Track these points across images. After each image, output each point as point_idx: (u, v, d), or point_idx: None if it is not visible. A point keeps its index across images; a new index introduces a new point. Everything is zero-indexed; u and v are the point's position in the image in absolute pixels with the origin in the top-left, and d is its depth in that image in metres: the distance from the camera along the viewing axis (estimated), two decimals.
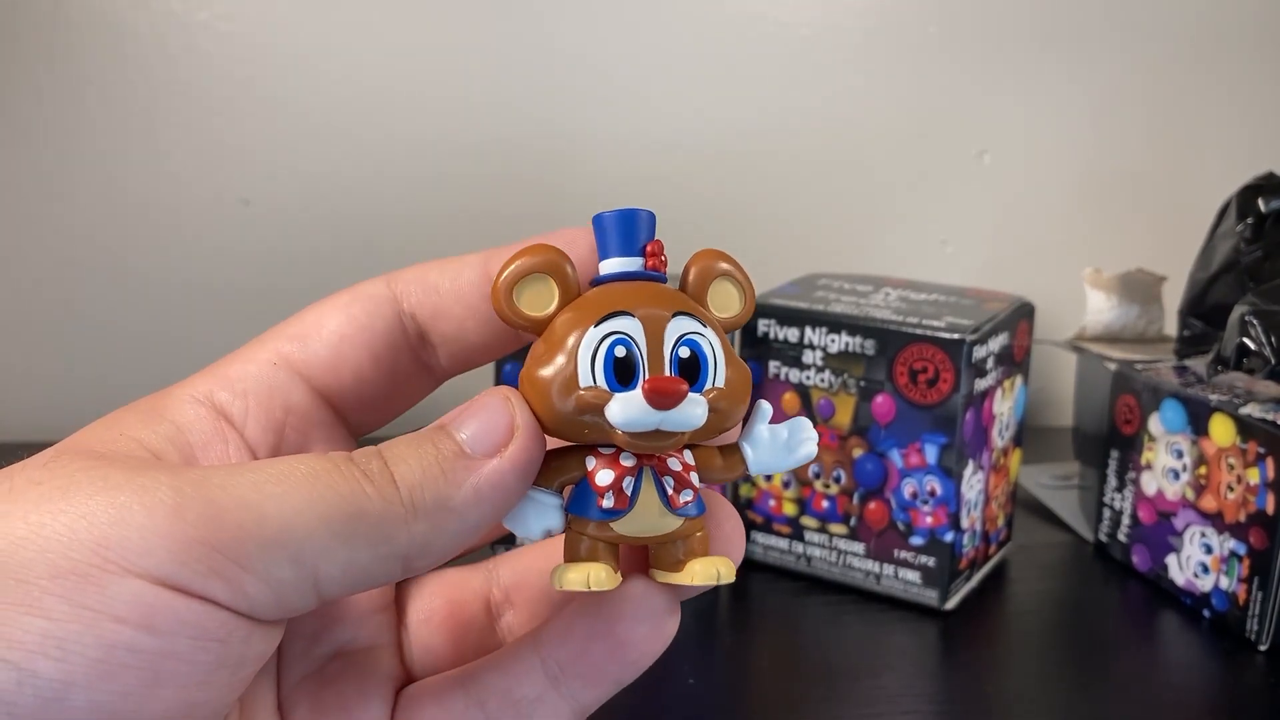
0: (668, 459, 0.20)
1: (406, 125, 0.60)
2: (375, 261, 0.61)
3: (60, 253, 0.59)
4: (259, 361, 0.21)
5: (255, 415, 0.21)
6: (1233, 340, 0.42)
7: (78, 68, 0.56)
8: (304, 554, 0.17)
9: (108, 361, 0.60)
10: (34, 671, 0.16)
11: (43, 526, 0.16)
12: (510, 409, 0.19)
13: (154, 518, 0.16)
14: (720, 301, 0.21)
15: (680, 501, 0.20)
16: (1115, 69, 0.65)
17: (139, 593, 0.16)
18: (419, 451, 0.19)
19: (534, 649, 0.22)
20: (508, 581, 0.25)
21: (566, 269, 0.20)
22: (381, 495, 0.18)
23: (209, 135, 0.58)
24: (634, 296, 0.20)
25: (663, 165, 0.62)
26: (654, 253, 0.21)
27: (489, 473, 0.19)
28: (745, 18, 0.61)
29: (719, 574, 0.20)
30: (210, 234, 0.59)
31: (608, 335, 0.19)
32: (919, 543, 0.43)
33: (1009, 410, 0.46)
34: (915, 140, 0.64)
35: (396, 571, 0.19)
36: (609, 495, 0.20)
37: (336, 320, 0.22)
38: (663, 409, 0.19)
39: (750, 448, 0.21)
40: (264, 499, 0.17)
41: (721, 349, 0.20)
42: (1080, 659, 0.41)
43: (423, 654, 0.24)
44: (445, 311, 0.22)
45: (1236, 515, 0.41)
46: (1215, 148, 0.66)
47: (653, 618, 0.21)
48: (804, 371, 0.44)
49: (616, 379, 0.19)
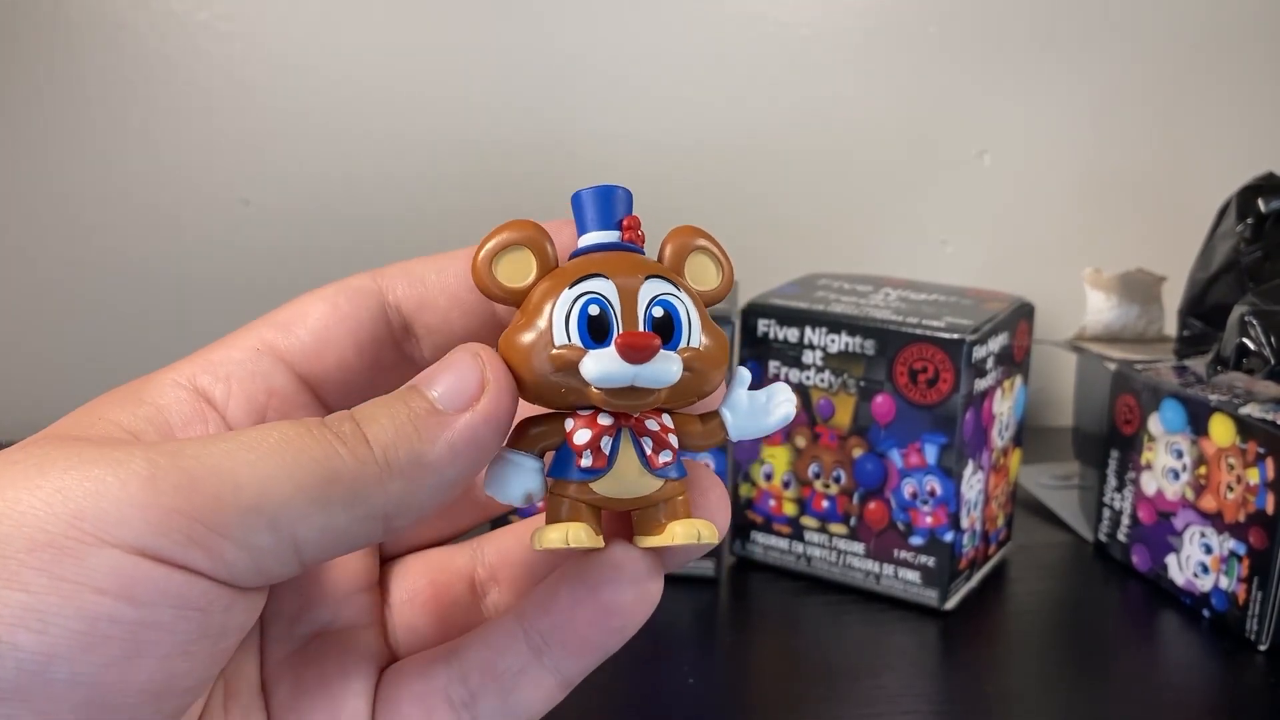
0: (645, 419, 0.20)
1: (406, 125, 0.60)
2: (375, 261, 0.61)
3: (60, 253, 0.59)
4: (242, 347, 0.22)
5: (238, 398, 0.21)
6: (1232, 340, 0.42)
7: (78, 68, 0.56)
8: (281, 519, 0.17)
9: (108, 361, 0.60)
10: (15, 644, 0.16)
11: (18, 501, 0.16)
12: (479, 364, 0.19)
13: (129, 489, 0.17)
14: (698, 275, 0.22)
15: (659, 462, 0.20)
16: (1115, 69, 0.65)
17: (118, 563, 0.16)
18: (390, 411, 0.19)
19: (516, 620, 0.22)
20: (492, 559, 0.25)
21: (545, 243, 0.20)
22: (355, 456, 0.18)
23: (209, 135, 0.58)
24: (609, 262, 0.20)
25: (663, 165, 0.62)
26: (631, 226, 0.21)
27: (462, 427, 0.19)
28: (745, 18, 0.61)
29: (699, 534, 0.20)
30: (210, 234, 0.59)
31: (581, 295, 0.19)
32: (919, 543, 0.43)
33: (1009, 410, 0.46)
34: (915, 140, 0.64)
35: (377, 532, 0.19)
36: (587, 454, 0.20)
37: (320, 309, 0.22)
38: (636, 363, 0.19)
39: (729, 412, 0.21)
40: (238, 466, 0.17)
41: (697, 313, 0.20)
42: (1080, 659, 0.41)
43: (407, 634, 0.24)
44: (430, 303, 0.22)
45: (1236, 515, 0.41)
46: (1215, 148, 0.66)
47: (636, 581, 0.21)
48: (804, 371, 0.44)
49: (591, 337, 0.19)
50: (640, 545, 0.21)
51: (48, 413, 0.67)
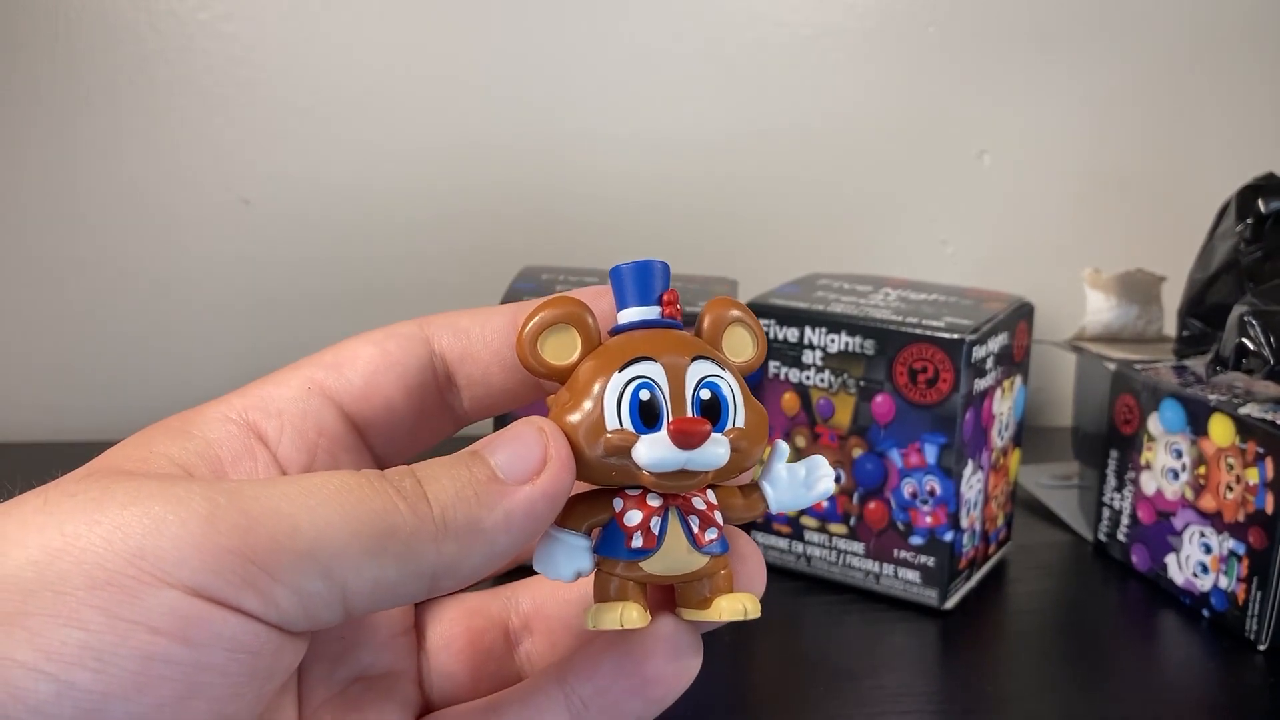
0: (692, 498, 0.21)
1: (407, 125, 0.60)
2: (375, 261, 0.61)
3: (60, 252, 0.59)
4: (293, 385, 0.22)
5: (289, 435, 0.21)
6: (1232, 340, 0.42)
7: (78, 68, 0.56)
8: (334, 567, 0.17)
9: (108, 362, 0.60)
10: (72, 683, 0.16)
11: (78, 537, 0.16)
12: (544, 439, 0.20)
13: (188, 528, 0.17)
14: (734, 346, 0.22)
15: (706, 540, 0.21)
16: (1115, 69, 0.65)
17: (174, 604, 0.16)
18: (452, 473, 0.19)
19: (558, 683, 0.22)
20: (527, 609, 0.25)
21: (588, 319, 0.21)
22: (414, 512, 0.18)
23: (209, 135, 0.58)
24: (654, 343, 0.21)
25: (662, 165, 0.62)
26: (670, 301, 0.21)
27: (522, 499, 0.19)
28: (745, 18, 0.61)
29: (745, 609, 0.21)
30: (210, 234, 0.60)
31: (632, 380, 0.20)
32: (918, 542, 0.43)
33: (1008, 410, 0.46)
34: (915, 140, 0.64)
35: (422, 591, 0.19)
36: (638, 535, 0.20)
37: (370, 353, 0.22)
38: (688, 449, 0.19)
39: (770, 486, 0.22)
40: (296, 510, 0.17)
41: (740, 391, 0.21)
42: (1079, 659, 0.41)
43: (441, 680, 0.24)
44: (473, 356, 0.23)
45: (1235, 515, 0.41)
46: (1215, 148, 0.66)
47: (681, 656, 0.22)
48: (804, 371, 0.44)
49: (642, 421, 0.20)
50: (685, 618, 0.22)
51: (48, 413, 0.67)
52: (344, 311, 0.60)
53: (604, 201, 0.62)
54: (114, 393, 0.60)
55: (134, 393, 0.60)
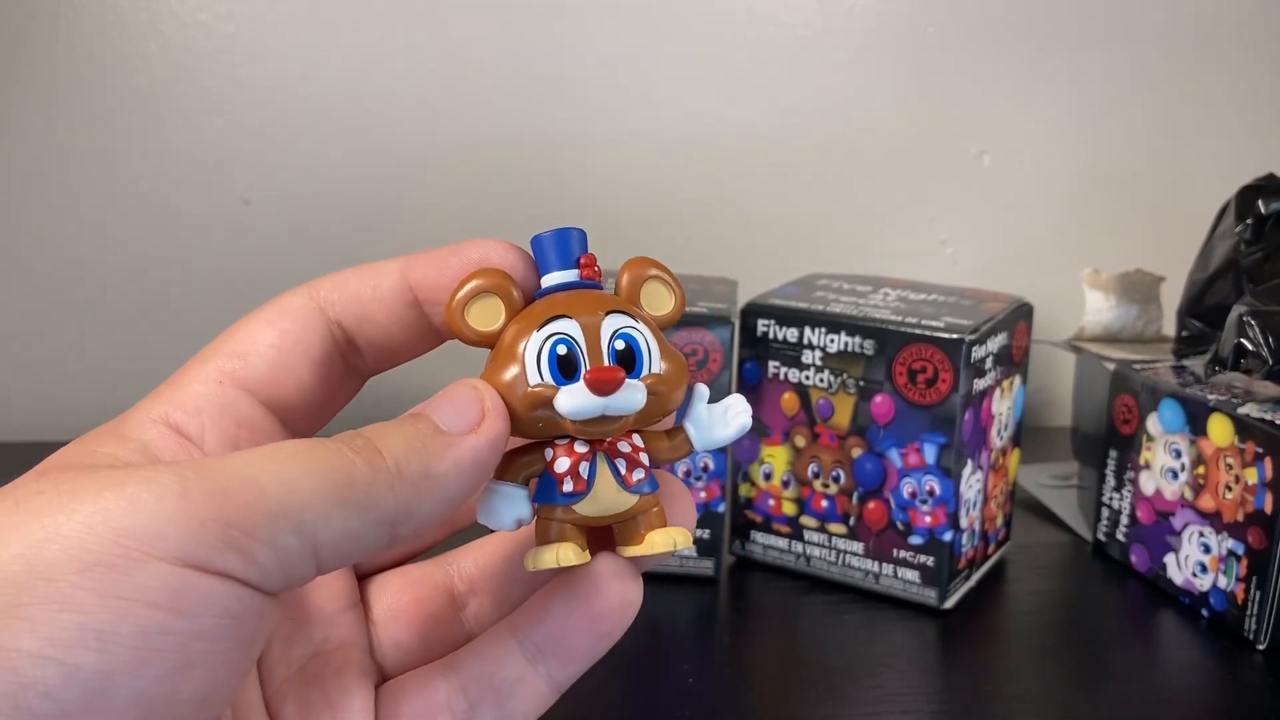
0: (618, 442, 0.22)
1: (407, 125, 0.60)
2: (375, 261, 0.61)
3: (60, 252, 0.59)
4: (204, 381, 0.22)
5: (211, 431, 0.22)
6: (1231, 340, 0.42)
7: (78, 68, 0.56)
8: (304, 521, 0.18)
9: (108, 361, 0.60)
10: (77, 665, 0.16)
11: (60, 526, 0.17)
12: (479, 394, 0.21)
13: (164, 502, 0.17)
14: (653, 301, 0.23)
15: (633, 480, 0.22)
16: (1115, 69, 0.65)
17: (164, 576, 0.17)
18: (400, 430, 0.20)
19: (511, 632, 0.23)
20: (470, 571, 0.26)
21: (510, 288, 0.22)
22: (370, 465, 0.19)
23: (210, 135, 0.58)
24: (572, 302, 0.22)
25: (662, 165, 0.62)
26: (587, 264, 0.23)
27: (468, 446, 0.20)
28: (745, 18, 0.61)
29: (675, 541, 0.23)
30: (211, 234, 0.60)
31: (550, 336, 0.21)
32: (918, 542, 0.43)
33: (1008, 410, 0.46)
34: (915, 140, 0.64)
35: (384, 539, 0.20)
36: (568, 480, 0.22)
37: (270, 335, 0.23)
38: (604, 395, 0.21)
39: (692, 426, 0.24)
40: (261, 474, 0.18)
41: (655, 341, 0.22)
42: (1079, 658, 0.41)
43: (393, 649, 0.25)
44: (370, 318, 0.23)
45: (1235, 515, 0.41)
46: (1215, 148, 0.66)
47: (624, 591, 0.23)
48: (803, 371, 0.44)
49: (561, 374, 0.21)
50: (623, 554, 0.23)
51: (48, 413, 0.67)
52: None
53: (604, 201, 0.62)
54: (114, 393, 0.60)
55: (134, 393, 0.60)
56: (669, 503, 0.23)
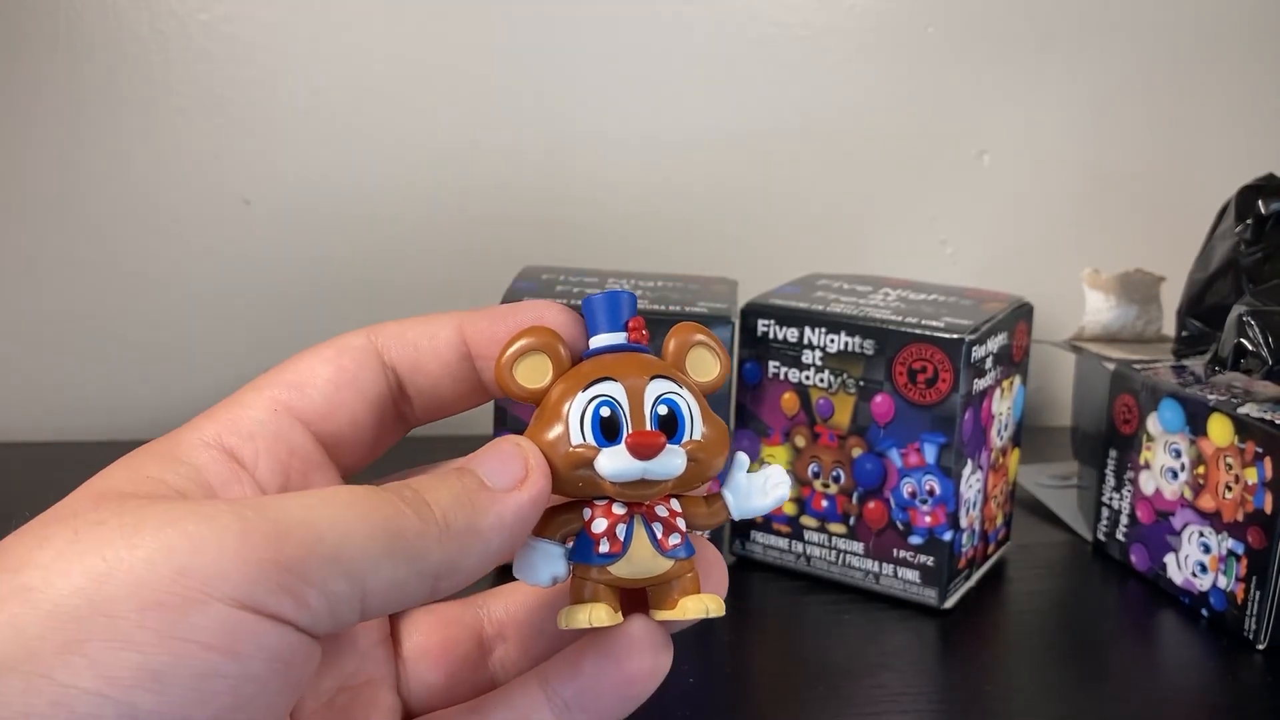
0: (655, 506, 0.23)
1: (407, 125, 0.60)
2: (375, 261, 0.61)
3: (61, 253, 0.59)
4: (259, 407, 0.23)
5: (265, 458, 0.22)
6: (1230, 340, 0.42)
7: (79, 68, 0.56)
8: (355, 569, 0.18)
9: (108, 361, 0.60)
10: (133, 705, 0.16)
11: (121, 561, 0.17)
12: (523, 452, 0.22)
13: (224, 542, 0.17)
14: (698, 367, 0.24)
15: (669, 544, 0.23)
16: (1115, 69, 0.65)
17: (222, 617, 0.17)
18: (447, 483, 0.21)
19: (540, 684, 0.24)
20: (499, 616, 0.26)
21: (558, 347, 0.23)
22: (420, 516, 0.20)
23: (210, 135, 0.58)
24: (618, 365, 0.23)
25: (662, 165, 0.62)
26: (635, 327, 0.23)
27: (511, 503, 0.21)
28: (745, 18, 0.61)
29: (708, 609, 0.23)
30: (211, 234, 0.60)
31: (595, 398, 0.22)
32: (918, 542, 0.43)
33: (1008, 410, 0.46)
34: (915, 140, 0.64)
35: (425, 592, 0.20)
36: (604, 541, 0.22)
37: (328, 371, 0.23)
38: (644, 459, 0.21)
39: (731, 494, 0.24)
40: (318, 519, 0.18)
41: (698, 407, 0.23)
42: (1079, 658, 0.41)
43: (419, 687, 0.25)
44: (422, 367, 0.24)
45: (1234, 515, 0.41)
46: (1215, 148, 0.66)
47: (653, 653, 0.23)
48: (803, 371, 0.44)
49: (604, 436, 0.22)
50: (655, 618, 0.23)
51: (48, 413, 0.67)
52: (344, 311, 0.60)
53: (604, 201, 0.62)
54: (115, 393, 0.60)
55: (134, 393, 0.60)
56: (704, 569, 0.24)
